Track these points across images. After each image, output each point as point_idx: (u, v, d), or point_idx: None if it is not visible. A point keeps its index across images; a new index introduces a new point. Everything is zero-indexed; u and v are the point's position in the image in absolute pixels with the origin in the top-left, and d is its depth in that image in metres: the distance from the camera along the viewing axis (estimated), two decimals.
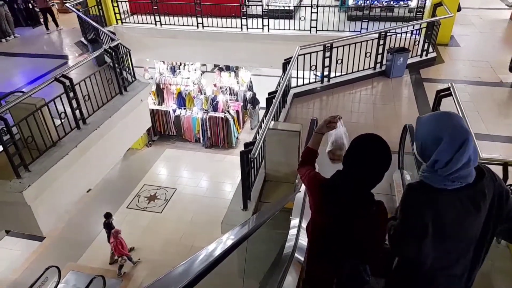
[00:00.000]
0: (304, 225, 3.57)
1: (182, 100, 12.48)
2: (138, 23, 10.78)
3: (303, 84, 7.43)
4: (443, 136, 1.49)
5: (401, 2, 10.57)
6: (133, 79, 7.39)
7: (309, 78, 7.53)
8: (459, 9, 10.26)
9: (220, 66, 14.19)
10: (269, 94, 5.34)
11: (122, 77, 6.95)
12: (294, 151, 4.79)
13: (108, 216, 8.77)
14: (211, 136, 12.27)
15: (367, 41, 7.48)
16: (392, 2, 10.67)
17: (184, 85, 12.80)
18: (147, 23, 10.58)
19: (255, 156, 3.92)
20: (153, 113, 12.51)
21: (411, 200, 1.65)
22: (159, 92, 12.61)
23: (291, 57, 6.24)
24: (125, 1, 10.97)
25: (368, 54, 7.66)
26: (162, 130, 12.84)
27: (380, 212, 1.82)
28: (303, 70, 7.15)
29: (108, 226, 8.72)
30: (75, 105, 5.82)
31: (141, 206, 10.31)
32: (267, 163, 4.98)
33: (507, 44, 9.84)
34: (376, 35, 7.68)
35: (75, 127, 5.92)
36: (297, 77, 7.20)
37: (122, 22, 10.84)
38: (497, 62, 8.50)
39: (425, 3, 9.64)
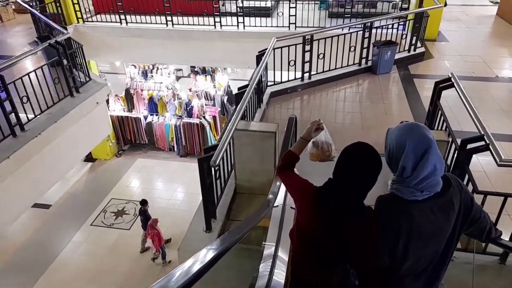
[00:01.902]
0: (280, 253, 2.75)
1: (154, 105, 11.54)
2: (102, 21, 9.84)
3: (281, 82, 6.64)
4: (407, 142, 1.54)
5: None
6: (87, 78, 6.46)
7: (288, 76, 6.74)
8: (445, 4, 9.75)
9: (195, 70, 13.36)
10: (239, 89, 4.51)
11: (73, 76, 6.00)
12: (269, 156, 3.96)
13: (143, 203, 8.22)
14: (186, 144, 11.36)
15: (350, 33, 6.75)
16: None
17: (157, 90, 11.89)
18: (111, 22, 9.66)
19: (217, 163, 3.07)
20: (123, 120, 11.62)
21: (384, 212, 1.66)
22: (129, 98, 11.63)
23: (266, 49, 5.44)
24: None
25: (352, 49, 6.93)
26: (133, 139, 11.86)
27: (368, 218, 1.75)
28: (281, 70, 6.39)
29: (144, 213, 8.19)
30: (8, 108, 4.85)
31: (107, 223, 9.29)
32: (238, 172, 4.13)
33: (497, 39, 9.39)
34: (361, 29, 6.98)
35: (10, 134, 4.95)
36: (273, 74, 6.41)
37: (84, 21, 9.89)
38: (489, 57, 7.98)
39: None
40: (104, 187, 10.46)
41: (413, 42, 7.83)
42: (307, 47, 6.36)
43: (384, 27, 7.29)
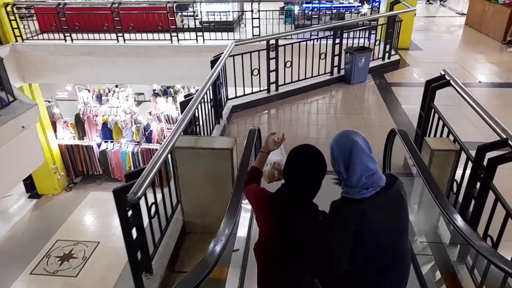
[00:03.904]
0: None
1: (108, 131, 10.38)
2: (44, 39, 8.79)
3: (244, 95, 5.76)
4: (333, 148, 1.66)
5: (352, 8, 9.53)
6: (11, 98, 5.34)
7: (251, 89, 5.87)
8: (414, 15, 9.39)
9: (156, 92, 12.40)
10: (185, 96, 3.56)
11: None
12: (225, 182, 2.99)
13: None
14: None
15: (320, 38, 6.03)
16: (342, 10, 9.63)
17: (113, 115, 10.78)
18: (54, 39, 8.63)
19: (139, 196, 2.07)
20: (73, 149, 10.38)
21: (337, 215, 1.66)
22: (79, 124, 10.43)
23: (222, 53, 4.56)
24: (27, 16, 8.98)
25: (322, 56, 6.19)
26: (85, 170, 10.58)
27: (323, 222, 1.73)
28: (243, 85, 5.56)
29: None
30: None
31: (50, 270, 7.88)
32: (185, 205, 3.12)
33: (471, 46, 9.04)
34: (330, 35, 6.28)
35: None
36: (235, 87, 5.54)
37: (23, 40, 8.78)
38: (467, 63, 7.52)
39: (379, 4, 8.54)
40: (49, 227, 9.05)
41: (387, 49, 7.22)
42: (272, 54, 5.55)
43: (356, 32, 6.67)
